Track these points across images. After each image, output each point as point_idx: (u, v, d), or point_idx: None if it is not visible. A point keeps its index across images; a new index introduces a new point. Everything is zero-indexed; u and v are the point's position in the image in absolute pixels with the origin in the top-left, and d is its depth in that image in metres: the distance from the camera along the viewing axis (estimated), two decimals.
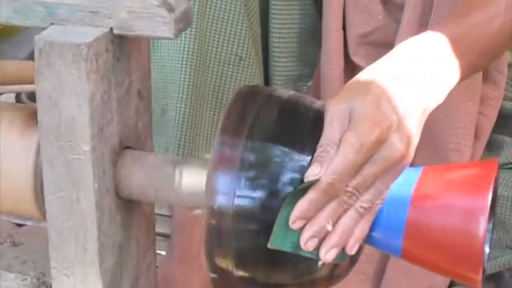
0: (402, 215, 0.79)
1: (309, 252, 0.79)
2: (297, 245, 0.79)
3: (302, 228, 0.78)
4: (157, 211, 1.02)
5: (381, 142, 0.77)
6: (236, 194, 0.79)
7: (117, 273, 0.89)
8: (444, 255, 0.79)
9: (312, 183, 0.78)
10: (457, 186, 0.80)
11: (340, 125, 0.78)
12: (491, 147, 1.28)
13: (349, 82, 0.83)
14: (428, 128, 0.85)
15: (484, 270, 0.80)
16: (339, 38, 1.25)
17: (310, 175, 0.78)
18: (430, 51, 0.87)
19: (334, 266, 0.82)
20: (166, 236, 1.44)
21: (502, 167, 1.23)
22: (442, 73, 0.87)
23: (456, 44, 0.89)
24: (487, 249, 0.83)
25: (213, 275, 0.83)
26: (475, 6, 0.98)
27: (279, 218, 0.78)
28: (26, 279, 0.98)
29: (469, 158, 1.23)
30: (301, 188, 0.78)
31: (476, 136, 1.24)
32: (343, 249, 0.79)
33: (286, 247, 0.79)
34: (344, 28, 1.26)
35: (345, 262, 0.82)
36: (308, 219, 0.78)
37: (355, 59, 1.27)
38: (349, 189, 0.78)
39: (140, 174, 0.87)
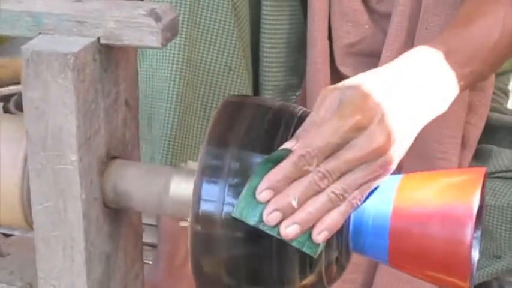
0: (385, 224, 0.79)
1: (271, 228, 0.78)
2: (261, 219, 0.78)
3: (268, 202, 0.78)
4: (144, 221, 1.02)
5: (359, 129, 0.77)
6: (225, 201, 0.79)
7: (104, 283, 0.89)
8: (432, 263, 0.79)
9: (284, 155, 0.77)
10: (443, 193, 0.80)
11: (327, 109, 0.79)
12: (479, 156, 1.28)
13: (346, 80, 0.83)
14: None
15: (472, 278, 0.80)
16: (323, 48, 1.25)
17: (284, 147, 0.78)
18: (429, 62, 0.87)
19: (321, 273, 0.82)
20: (153, 246, 1.44)
21: (489, 176, 1.23)
22: (441, 84, 0.87)
23: (457, 53, 0.90)
24: (475, 257, 0.83)
25: (199, 283, 0.83)
26: (473, 16, 0.99)
27: (246, 188, 0.78)
28: None
29: (457, 167, 1.23)
30: (272, 158, 0.78)
31: (464, 145, 1.24)
32: (311, 238, 0.78)
33: (250, 218, 0.78)
34: (330, 38, 1.26)
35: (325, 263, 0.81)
36: (275, 191, 0.78)
37: (342, 68, 1.27)
38: (321, 169, 0.77)
39: (128, 184, 0.87)
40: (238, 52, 1.23)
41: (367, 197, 0.80)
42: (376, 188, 0.80)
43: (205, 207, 0.79)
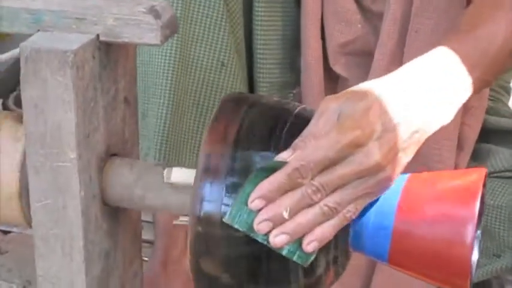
0: (388, 223, 0.79)
1: (261, 236, 0.77)
2: (251, 226, 0.77)
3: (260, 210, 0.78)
4: (143, 218, 1.02)
5: (357, 145, 0.77)
6: (224, 201, 0.79)
7: (103, 280, 0.88)
8: (432, 263, 0.79)
9: (279, 166, 0.77)
10: (444, 194, 0.80)
11: (326, 121, 0.77)
12: (478, 156, 1.28)
13: (350, 88, 0.82)
14: None
15: (471, 278, 0.80)
16: (317, 48, 1.25)
17: (279, 157, 0.77)
18: (442, 67, 0.86)
19: (319, 276, 0.82)
20: (152, 243, 1.44)
21: (488, 175, 1.23)
22: (453, 90, 0.86)
23: (465, 59, 0.89)
24: (475, 257, 0.83)
25: (198, 282, 0.82)
26: (477, 23, 0.98)
27: (239, 195, 0.77)
28: (12, 287, 0.97)
29: (453, 169, 1.23)
30: (267, 168, 0.77)
31: (460, 147, 1.23)
32: (301, 248, 0.78)
33: (241, 225, 0.77)
34: (323, 38, 1.26)
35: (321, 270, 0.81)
36: (267, 201, 0.77)
37: (336, 68, 1.27)
38: (315, 183, 0.77)
39: (127, 182, 0.86)
40: (231, 47, 1.22)
41: (366, 209, 0.80)
42: (376, 200, 0.80)
43: (205, 207, 0.79)
